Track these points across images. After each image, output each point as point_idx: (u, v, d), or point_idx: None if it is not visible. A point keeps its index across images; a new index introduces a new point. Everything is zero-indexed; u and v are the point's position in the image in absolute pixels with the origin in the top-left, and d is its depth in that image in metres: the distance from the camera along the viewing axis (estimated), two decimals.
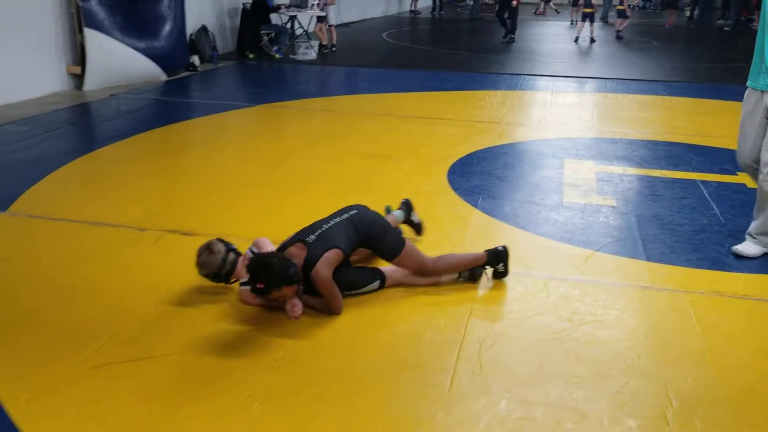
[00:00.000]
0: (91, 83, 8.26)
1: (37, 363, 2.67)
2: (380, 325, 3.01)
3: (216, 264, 3.19)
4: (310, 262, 3.03)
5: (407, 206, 3.92)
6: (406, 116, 7.20)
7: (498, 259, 3.44)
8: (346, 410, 2.44)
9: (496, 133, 6.57)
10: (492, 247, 3.48)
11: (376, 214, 3.40)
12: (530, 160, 5.71)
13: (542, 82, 9.72)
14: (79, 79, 8.31)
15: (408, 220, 3.90)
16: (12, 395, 2.47)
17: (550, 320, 3.09)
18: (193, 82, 9.26)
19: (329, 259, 3.04)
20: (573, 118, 7.36)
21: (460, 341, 2.90)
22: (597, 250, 3.87)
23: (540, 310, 3.17)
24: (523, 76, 10.08)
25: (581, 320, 3.09)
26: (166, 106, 7.78)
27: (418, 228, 3.92)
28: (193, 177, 5.12)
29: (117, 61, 8.49)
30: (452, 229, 4.10)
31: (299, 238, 3.13)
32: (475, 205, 4.52)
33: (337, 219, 3.23)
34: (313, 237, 3.10)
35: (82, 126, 6.93)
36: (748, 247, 3.81)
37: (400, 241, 3.33)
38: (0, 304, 3.12)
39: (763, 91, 3.73)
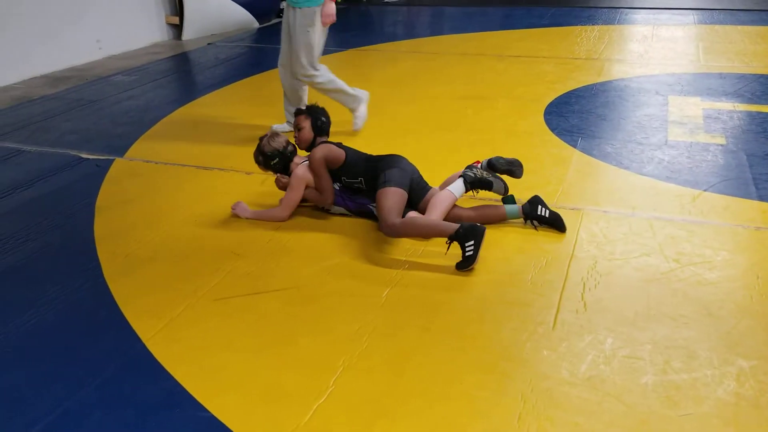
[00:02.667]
0: (188, 33, 8.53)
1: (163, 296, 2.88)
2: (483, 265, 3.05)
3: (276, 148, 3.53)
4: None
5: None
6: (498, 55, 7.06)
7: (467, 236, 2.98)
8: (452, 343, 2.52)
9: (595, 70, 6.35)
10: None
11: (402, 159, 3.43)
12: (632, 98, 5.51)
13: (642, 15, 9.25)
14: (177, 29, 8.59)
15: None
16: (144, 325, 2.68)
17: (656, 261, 3.04)
18: None
19: (330, 148, 3.44)
20: (677, 52, 6.99)
21: (563, 281, 2.91)
22: (705, 190, 3.74)
23: (645, 251, 3.13)
24: (621, 10, 9.61)
25: (689, 261, 3.03)
26: (260, 53, 7.93)
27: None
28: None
29: (212, 10, 8.71)
30: (552, 171, 4.05)
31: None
32: (575, 146, 4.43)
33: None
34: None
35: (185, 74, 7.19)
36: None
37: (389, 182, 3.28)
38: (126, 242, 3.37)
39: None
